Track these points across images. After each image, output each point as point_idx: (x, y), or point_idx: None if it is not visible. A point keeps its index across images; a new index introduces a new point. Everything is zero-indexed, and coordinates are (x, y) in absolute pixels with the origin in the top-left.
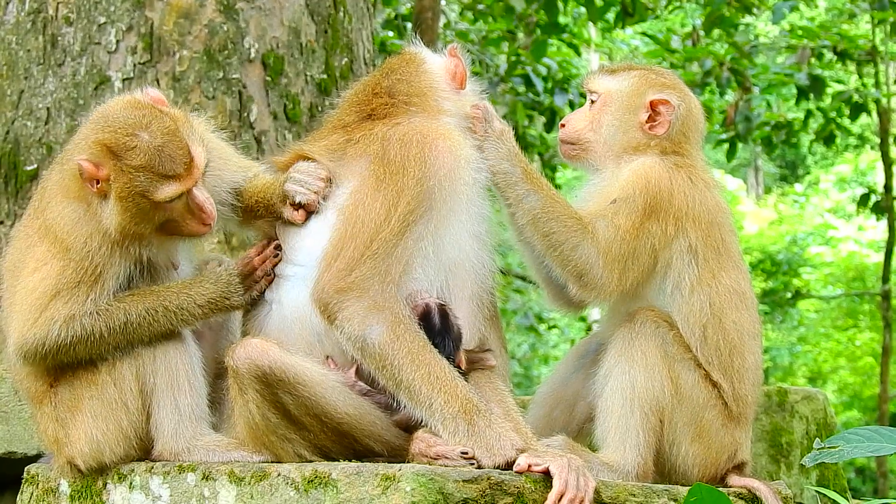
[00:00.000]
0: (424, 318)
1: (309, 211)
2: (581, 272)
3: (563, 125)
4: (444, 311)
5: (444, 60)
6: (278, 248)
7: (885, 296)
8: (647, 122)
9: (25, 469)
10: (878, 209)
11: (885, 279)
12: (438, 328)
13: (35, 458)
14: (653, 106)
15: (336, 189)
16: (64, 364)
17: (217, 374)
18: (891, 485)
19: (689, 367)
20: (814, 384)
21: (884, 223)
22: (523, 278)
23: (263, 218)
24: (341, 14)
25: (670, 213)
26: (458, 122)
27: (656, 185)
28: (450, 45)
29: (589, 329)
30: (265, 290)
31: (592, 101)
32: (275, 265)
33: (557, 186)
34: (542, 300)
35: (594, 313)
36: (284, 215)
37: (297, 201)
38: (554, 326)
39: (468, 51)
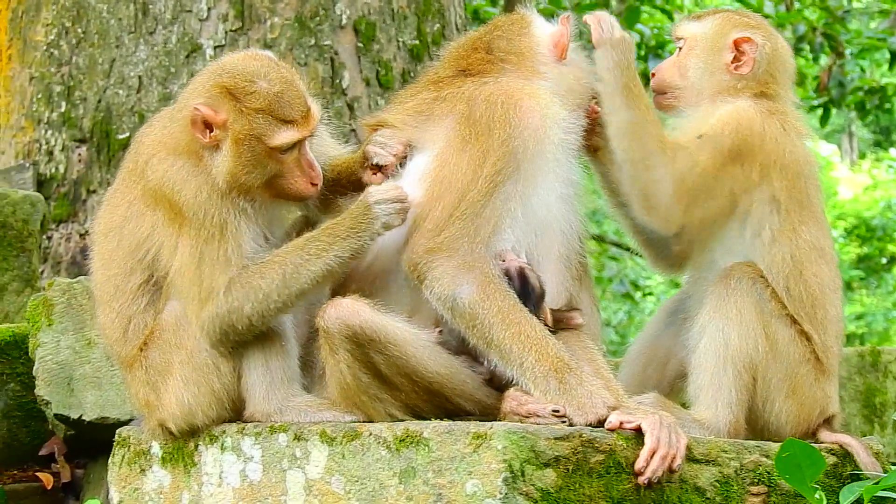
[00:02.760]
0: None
1: (386, 174)
2: (648, 193)
3: (653, 74)
4: (523, 274)
5: (552, 28)
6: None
7: None
8: (732, 62)
9: (117, 432)
10: None
11: None
12: (518, 292)
13: (127, 423)
14: (736, 45)
15: (423, 149)
16: (245, 336)
17: (310, 336)
18: None
19: (785, 323)
20: None
21: None
22: (619, 245)
23: (345, 192)
24: None
25: (757, 159)
26: (553, 87)
27: (748, 128)
28: (564, 13)
29: None
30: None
31: (679, 49)
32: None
33: None
34: (637, 267)
35: None
36: (364, 178)
37: (374, 163)
38: (650, 293)
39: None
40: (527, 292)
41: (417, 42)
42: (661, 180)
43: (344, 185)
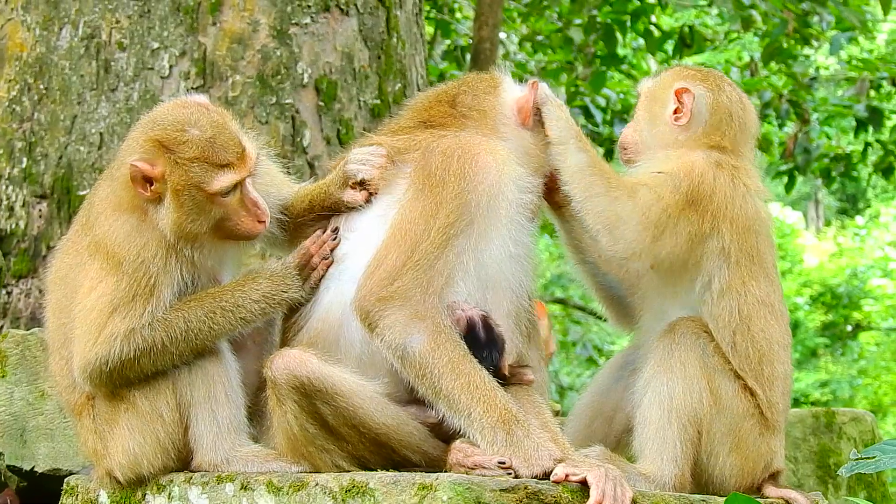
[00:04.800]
0: (469, 331)
1: (370, 191)
2: (614, 224)
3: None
4: (487, 323)
5: (521, 91)
6: (335, 230)
7: None
8: (674, 113)
9: (65, 480)
10: None
11: None
12: (484, 339)
13: None
14: (677, 96)
15: (380, 195)
16: (131, 380)
17: (260, 386)
18: None
19: (729, 378)
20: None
21: None
22: (583, 309)
23: (315, 224)
24: (394, 39)
25: (709, 209)
26: (512, 147)
27: (700, 177)
28: (532, 79)
29: None
30: (323, 276)
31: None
32: (333, 248)
33: None
34: (601, 332)
35: None
36: (345, 199)
37: (359, 178)
38: None
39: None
40: (492, 339)
41: (378, 101)
42: (625, 210)
43: (317, 212)
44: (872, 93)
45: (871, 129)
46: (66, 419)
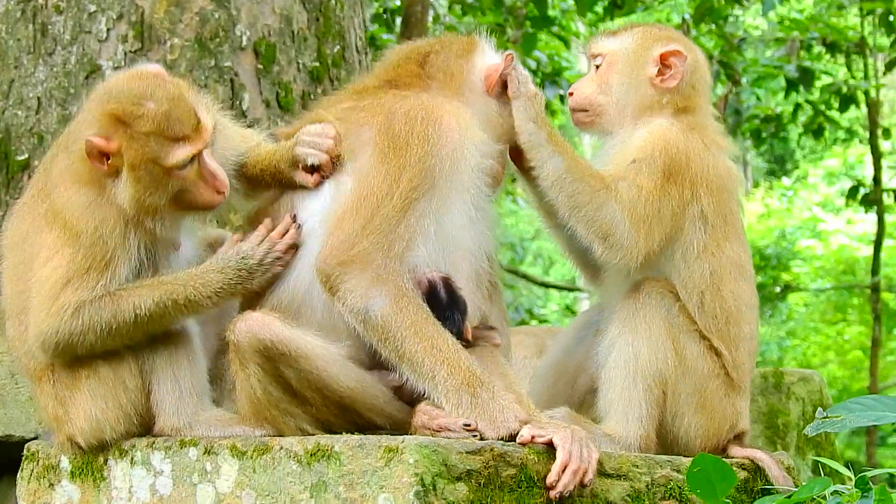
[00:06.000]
0: (431, 293)
1: (322, 174)
2: (607, 232)
3: (570, 94)
4: (448, 285)
5: (494, 60)
6: (294, 217)
7: (875, 288)
8: (657, 75)
9: (25, 446)
10: (867, 202)
11: (875, 272)
12: (446, 301)
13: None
14: (663, 59)
15: (342, 158)
16: (81, 357)
17: (220, 350)
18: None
19: (694, 338)
20: None
21: (872, 216)
22: (514, 272)
23: (270, 188)
24: (333, 1)
25: (686, 177)
26: (473, 112)
27: (674, 147)
28: (509, 51)
29: None
30: (287, 263)
31: (597, 66)
32: (296, 237)
33: None
34: (532, 296)
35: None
36: (296, 180)
37: (309, 164)
38: (545, 321)
39: None
40: (454, 301)
41: (318, 64)
42: (614, 215)
43: (268, 182)
44: (803, 53)
45: (801, 89)
46: (18, 385)
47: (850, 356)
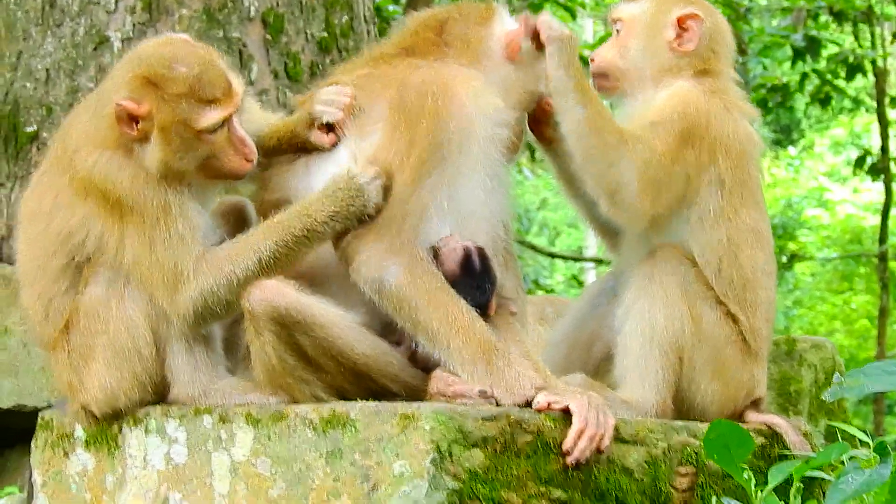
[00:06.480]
0: (465, 261)
1: (337, 134)
2: (615, 190)
3: (592, 59)
4: (483, 255)
5: (513, 26)
6: None
7: (882, 257)
8: (675, 39)
9: (39, 415)
10: (874, 171)
11: (882, 240)
12: (479, 270)
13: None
14: (680, 22)
15: (355, 129)
16: (219, 315)
17: (235, 318)
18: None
19: (711, 305)
20: None
21: (879, 185)
22: (521, 242)
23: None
24: None
25: (706, 140)
26: (490, 79)
27: (694, 110)
28: (523, 13)
29: None
30: None
31: (618, 31)
32: None
33: None
34: (537, 266)
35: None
36: (312, 139)
37: (324, 121)
38: (551, 291)
39: None
40: (487, 271)
41: (326, 34)
42: (624, 174)
43: (285, 150)
44: (809, 22)
45: (807, 58)
46: (31, 355)
47: (857, 325)
